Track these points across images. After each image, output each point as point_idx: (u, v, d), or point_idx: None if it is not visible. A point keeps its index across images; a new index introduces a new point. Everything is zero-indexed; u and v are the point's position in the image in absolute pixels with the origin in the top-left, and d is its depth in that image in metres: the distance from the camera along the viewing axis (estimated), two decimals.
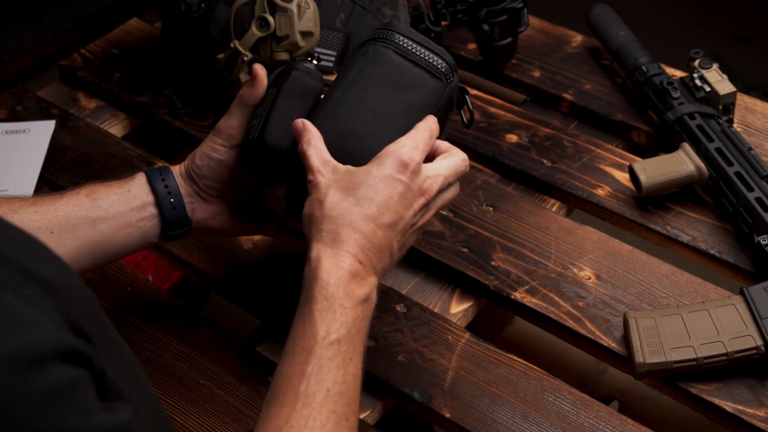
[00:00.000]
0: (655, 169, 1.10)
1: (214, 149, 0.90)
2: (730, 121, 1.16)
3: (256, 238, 1.09)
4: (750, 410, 0.91)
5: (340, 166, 0.79)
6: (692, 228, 1.10)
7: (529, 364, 0.97)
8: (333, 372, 0.69)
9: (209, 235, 1.05)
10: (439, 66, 0.85)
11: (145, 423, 0.58)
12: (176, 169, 0.91)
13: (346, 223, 0.76)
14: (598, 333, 0.99)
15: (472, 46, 1.38)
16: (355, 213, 0.76)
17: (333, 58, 1.14)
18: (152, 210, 0.88)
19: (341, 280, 0.73)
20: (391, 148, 0.79)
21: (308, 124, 0.82)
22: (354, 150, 0.82)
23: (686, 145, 1.11)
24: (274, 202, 0.95)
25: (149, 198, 0.88)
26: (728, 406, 0.92)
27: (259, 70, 0.89)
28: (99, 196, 0.87)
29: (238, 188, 0.93)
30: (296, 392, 0.68)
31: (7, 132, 1.24)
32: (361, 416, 0.93)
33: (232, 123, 0.90)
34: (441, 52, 0.86)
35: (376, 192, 0.77)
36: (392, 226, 0.78)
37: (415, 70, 0.85)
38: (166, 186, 0.88)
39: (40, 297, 0.51)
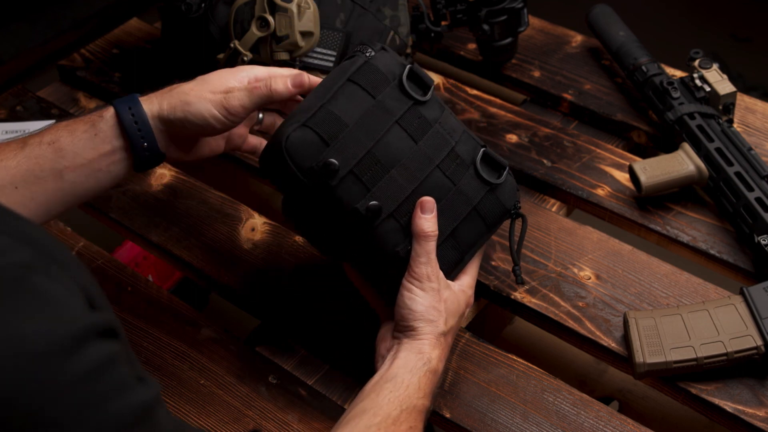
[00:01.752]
0: (655, 169, 1.10)
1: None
2: (730, 121, 1.16)
3: (257, 237, 1.09)
4: (750, 410, 0.91)
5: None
6: (692, 228, 1.10)
7: (529, 364, 0.97)
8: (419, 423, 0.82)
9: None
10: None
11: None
12: (147, 105, 0.84)
13: (448, 345, 0.88)
14: (598, 333, 0.99)
15: (472, 46, 1.38)
16: (451, 338, 0.89)
17: (333, 58, 1.14)
18: (123, 154, 0.83)
19: (440, 379, 0.88)
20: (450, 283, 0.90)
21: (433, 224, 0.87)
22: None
23: (686, 145, 1.11)
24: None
25: (119, 142, 0.82)
26: (728, 406, 0.92)
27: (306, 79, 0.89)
28: (63, 144, 0.81)
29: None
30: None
31: (7, 132, 1.24)
32: None
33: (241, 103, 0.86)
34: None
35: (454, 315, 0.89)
36: None
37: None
38: (136, 122, 0.82)
39: (66, 276, 0.51)
